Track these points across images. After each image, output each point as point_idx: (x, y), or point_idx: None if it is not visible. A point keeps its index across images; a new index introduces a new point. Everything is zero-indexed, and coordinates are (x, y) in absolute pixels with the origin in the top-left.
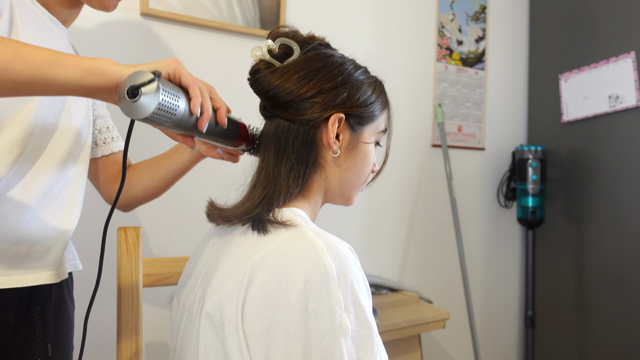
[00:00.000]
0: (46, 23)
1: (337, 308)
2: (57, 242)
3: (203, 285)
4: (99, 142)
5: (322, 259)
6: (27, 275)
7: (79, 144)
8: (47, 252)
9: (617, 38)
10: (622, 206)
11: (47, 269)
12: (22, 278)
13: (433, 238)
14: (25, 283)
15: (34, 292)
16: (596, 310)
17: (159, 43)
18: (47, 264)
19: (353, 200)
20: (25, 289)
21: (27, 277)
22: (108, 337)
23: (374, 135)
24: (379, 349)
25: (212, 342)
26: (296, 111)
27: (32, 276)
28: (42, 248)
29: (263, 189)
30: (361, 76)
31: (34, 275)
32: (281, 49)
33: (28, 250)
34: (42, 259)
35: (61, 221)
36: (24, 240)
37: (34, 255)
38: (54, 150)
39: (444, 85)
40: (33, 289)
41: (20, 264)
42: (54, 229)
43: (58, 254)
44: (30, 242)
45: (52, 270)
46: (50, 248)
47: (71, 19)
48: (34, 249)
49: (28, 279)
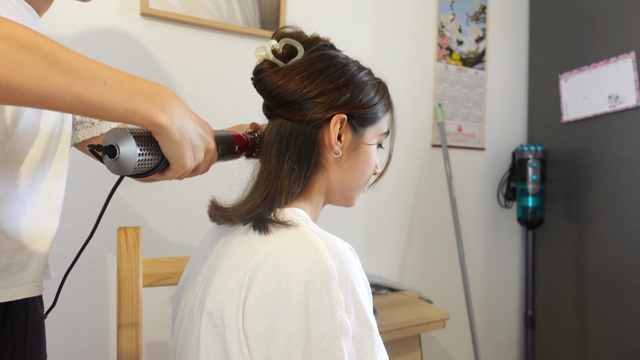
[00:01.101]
0: (22, 13)
1: (337, 308)
2: (39, 250)
3: (204, 285)
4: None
5: (323, 259)
6: (7, 289)
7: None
8: (28, 262)
9: (617, 38)
10: (622, 206)
11: (29, 281)
12: (4, 293)
13: (433, 238)
14: (6, 298)
15: (10, 307)
16: (596, 310)
17: (159, 43)
18: (29, 276)
19: (354, 201)
20: (1, 305)
21: (9, 292)
22: (108, 337)
23: (376, 137)
24: (379, 349)
25: (213, 341)
26: (299, 111)
27: (14, 290)
28: (23, 258)
29: (265, 188)
30: (365, 77)
31: (15, 290)
32: (285, 50)
33: (8, 262)
34: (23, 270)
35: (41, 227)
36: (3, 251)
37: (14, 268)
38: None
39: (444, 85)
40: (9, 304)
41: (0, 278)
42: (34, 235)
43: (40, 263)
44: (9, 252)
45: (34, 282)
46: (31, 257)
47: (45, 7)
48: (14, 260)
49: (9, 293)
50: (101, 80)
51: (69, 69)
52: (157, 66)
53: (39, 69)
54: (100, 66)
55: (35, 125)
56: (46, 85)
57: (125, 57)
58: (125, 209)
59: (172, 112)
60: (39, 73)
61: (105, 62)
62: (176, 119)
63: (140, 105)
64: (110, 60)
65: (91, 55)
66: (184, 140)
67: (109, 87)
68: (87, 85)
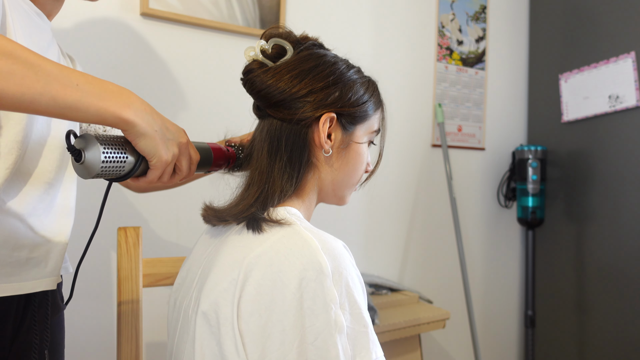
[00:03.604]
0: (32, 17)
1: (332, 305)
2: (56, 246)
3: (199, 285)
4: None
5: (316, 257)
6: (27, 282)
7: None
8: (46, 257)
9: (617, 38)
10: (622, 206)
11: (47, 274)
12: (23, 285)
13: (433, 238)
14: (26, 290)
15: (31, 299)
16: (596, 310)
17: (159, 43)
18: (47, 270)
19: (346, 200)
20: (22, 297)
21: (28, 284)
22: (108, 337)
23: (366, 135)
24: (374, 346)
25: (208, 341)
26: (288, 110)
27: (33, 283)
28: (42, 253)
29: (257, 188)
30: (354, 76)
31: (35, 282)
32: (274, 50)
33: (28, 256)
34: (42, 264)
35: (58, 224)
36: (24, 246)
37: (34, 261)
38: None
39: (444, 85)
40: (29, 296)
41: (21, 270)
42: (51, 232)
43: (57, 259)
44: (29, 247)
45: (52, 276)
46: (49, 252)
47: (55, 11)
48: (33, 254)
49: (29, 285)
50: (74, 83)
51: (44, 74)
52: (157, 66)
53: (16, 75)
54: (72, 71)
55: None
56: (24, 89)
57: (125, 57)
58: (125, 209)
59: (137, 107)
60: (16, 79)
61: (106, 61)
62: (142, 113)
63: (110, 103)
64: (110, 60)
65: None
66: (155, 132)
67: (81, 89)
68: (62, 88)
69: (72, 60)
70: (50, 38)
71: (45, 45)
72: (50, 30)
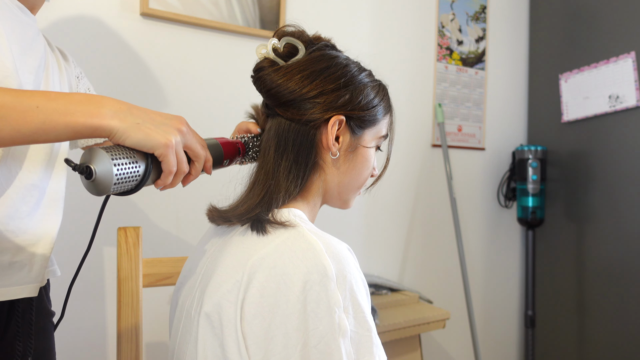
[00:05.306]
0: (15, 12)
1: (335, 309)
2: (40, 250)
3: (202, 286)
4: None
5: (321, 260)
6: (11, 287)
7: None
8: (30, 260)
9: (617, 38)
10: (622, 206)
11: (32, 280)
12: (6, 291)
13: (433, 238)
14: (9, 296)
15: (14, 305)
16: (596, 310)
17: (159, 43)
18: (32, 274)
19: (350, 203)
20: (4, 303)
21: (12, 290)
22: (108, 337)
23: (374, 140)
24: (377, 350)
25: (211, 342)
26: (297, 111)
27: (17, 288)
28: (26, 256)
29: (262, 188)
30: (365, 79)
31: (19, 288)
32: (286, 48)
33: (11, 260)
34: (25, 268)
35: (44, 227)
36: (6, 249)
37: (17, 265)
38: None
39: (444, 85)
40: (13, 302)
41: (3, 275)
42: (35, 235)
43: (41, 263)
44: (12, 251)
45: (36, 282)
46: (33, 256)
47: (39, 4)
48: (16, 258)
49: (13, 291)
50: (33, 106)
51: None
52: (157, 66)
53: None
54: (30, 93)
55: None
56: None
57: (125, 57)
58: (125, 209)
59: (111, 109)
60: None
61: (106, 62)
62: (118, 113)
63: (77, 115)
64: (110, 60)
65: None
66: (138, 125)
67: (42, 110)
68: (20, 115)
69: (63, 55)
70: (35, 32)
71: (29, 39)
72: (35, 24)
